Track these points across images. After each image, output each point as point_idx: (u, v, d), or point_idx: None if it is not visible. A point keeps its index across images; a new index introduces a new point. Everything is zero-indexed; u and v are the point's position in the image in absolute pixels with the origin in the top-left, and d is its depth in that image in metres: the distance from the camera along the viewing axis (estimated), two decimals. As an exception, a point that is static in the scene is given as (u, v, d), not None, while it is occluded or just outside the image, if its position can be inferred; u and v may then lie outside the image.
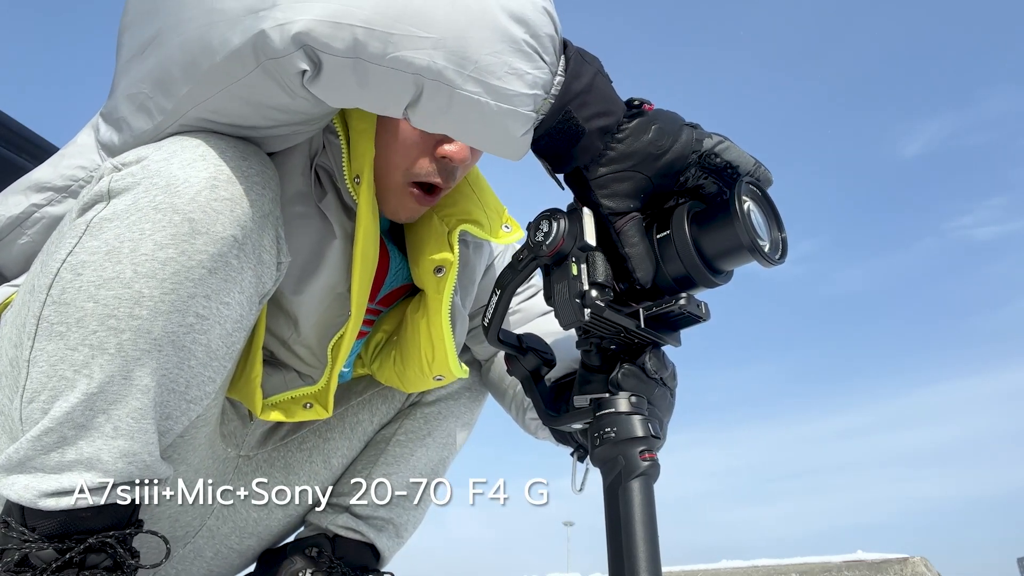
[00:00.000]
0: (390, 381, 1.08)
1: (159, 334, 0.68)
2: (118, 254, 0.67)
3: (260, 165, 0.75)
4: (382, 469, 1.13)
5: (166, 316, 0.68)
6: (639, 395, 0.78)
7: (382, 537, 1.11)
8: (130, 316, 0.67)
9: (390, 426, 1.18)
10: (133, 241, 0.67)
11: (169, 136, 0.74)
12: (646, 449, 0.74)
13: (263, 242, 0.75)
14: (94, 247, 0.67)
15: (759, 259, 0.70)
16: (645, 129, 0.71)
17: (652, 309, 0.76)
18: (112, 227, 0.68)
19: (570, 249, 0.76)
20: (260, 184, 0.74)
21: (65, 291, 0.67)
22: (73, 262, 0.68)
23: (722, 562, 2.20)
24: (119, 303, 0.66)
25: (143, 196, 0.68)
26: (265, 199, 0.74)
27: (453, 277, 0.95)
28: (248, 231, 0.72)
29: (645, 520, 0.70)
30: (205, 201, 0.68)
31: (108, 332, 0.66)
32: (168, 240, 0.67)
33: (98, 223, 0.68)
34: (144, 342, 0.68)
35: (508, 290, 0.84)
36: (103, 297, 0.66)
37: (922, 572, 1.94)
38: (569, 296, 0.74)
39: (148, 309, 0.67)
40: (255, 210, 0.72)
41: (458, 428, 1.21)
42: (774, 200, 0.75)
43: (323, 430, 1.12)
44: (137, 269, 0.67)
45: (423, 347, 0.97)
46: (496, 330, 0.85)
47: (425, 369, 0.98)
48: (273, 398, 0.97)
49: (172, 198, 0.67)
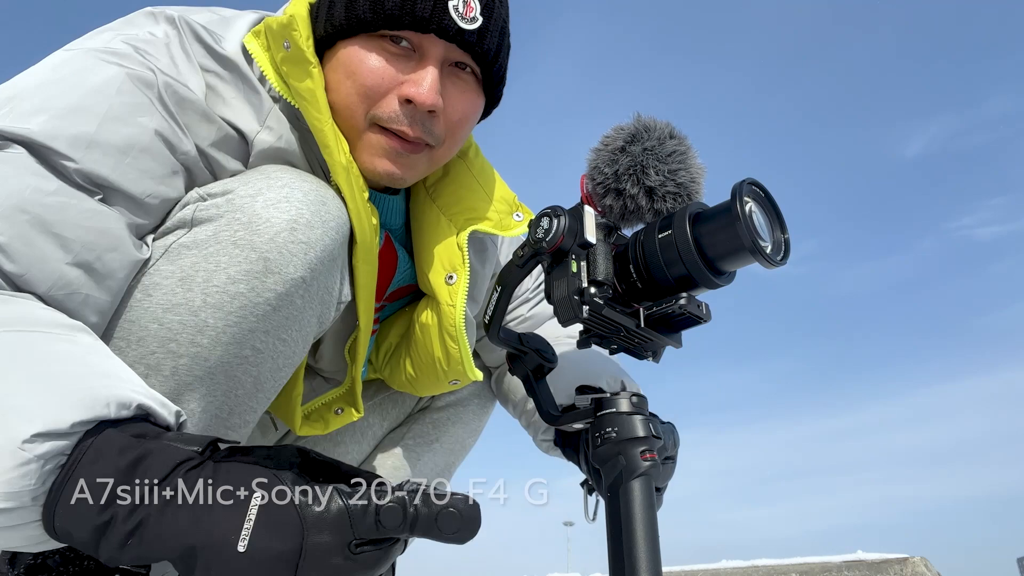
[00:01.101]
0: (403, 387, 1.07)
1: (215, 363, 0.69)
2: (191, 282, 0.68)
3: (337, 211, 0.76)
4: (390, 472, 1.13)
5: (225, 347, 0.69)
6: (639, 395, 0.78)
7: None
8: (191, 343, 0.68)
9: (399, 429, 1.18)
10: (207, 272, 0.68)
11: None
12: (647, 449, 0.74)
13: (328, 283, 0.77)
14: (168, 271, 0.69)
15: (761, 260, 0.69)
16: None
17: (652, 309, 0.76)
18: (190, 255, 0.69)
19: (570, 246, 0.76)
20: (335, 230, 0.75)
21: (132, 308, 0.69)
22: (146, 283, 0.69)
23: (722, 562, 2.20)
24: (183, 328, 0.68)
25: (224, 229, 0.70)
26: (337, 244, 0.76)
27: (465, 284, 0.93)
28: (317, 274, 0.73)
29: (645, 520, 0.70)
30: (283, 243, 0.70)
31: (166, 355, 0.68)
32: (241, 276, 0.69)
33: (176, 249, 0.70)
34: (199, 369, 0.69)
35: (508, 287, 0.84)
36: (168, 321, 0.68)
37: (922, 572, 1.94)
38: (568, 293, 0.74)
39: (209, 339, 0.68)
40: (326, 254, 0.74)
41: (466, 435, 1.21)
42: (776, 201, 0.75)
43: (333, 434, 1.12)
44: (207, 299, 0.68)
45: (437, 355, 0.97)
46: (497, 327, 0.85)
47: (440, 376, 0.98)
48: (306, 407, 0.97)
49: (252, 236, 0.69)
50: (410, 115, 0.83)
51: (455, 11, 0.81)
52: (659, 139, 0.78)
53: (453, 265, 0.93)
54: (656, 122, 0.79)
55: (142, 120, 0.71)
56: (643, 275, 0.75)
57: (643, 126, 0.79)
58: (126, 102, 0.71)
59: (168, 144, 0.73)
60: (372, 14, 0.80)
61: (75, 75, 0.71)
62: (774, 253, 0.71)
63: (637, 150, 0.77)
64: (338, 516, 0.51)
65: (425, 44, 0.83)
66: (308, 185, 0.74)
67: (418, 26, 0.80)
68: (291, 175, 0.75)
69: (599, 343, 0.81)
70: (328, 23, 0.83)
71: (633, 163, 0.77)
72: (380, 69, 0.82)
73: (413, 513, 0.52)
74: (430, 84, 0.82)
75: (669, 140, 0.78)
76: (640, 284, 0.75)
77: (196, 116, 0.76)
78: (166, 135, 0.73)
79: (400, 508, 0.52)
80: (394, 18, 0.80)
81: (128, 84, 0.71)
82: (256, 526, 0.50)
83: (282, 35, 0.79)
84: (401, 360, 1.04)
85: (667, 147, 0.77)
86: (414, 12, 0.79)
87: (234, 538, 0.49)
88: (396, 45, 0.83)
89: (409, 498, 0.53)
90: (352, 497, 0.52)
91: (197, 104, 0.76)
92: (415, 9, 0.79)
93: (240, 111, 0.79)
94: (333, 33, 0.83)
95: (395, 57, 0.83)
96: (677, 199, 0.77)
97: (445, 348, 0.95)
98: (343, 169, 0.80)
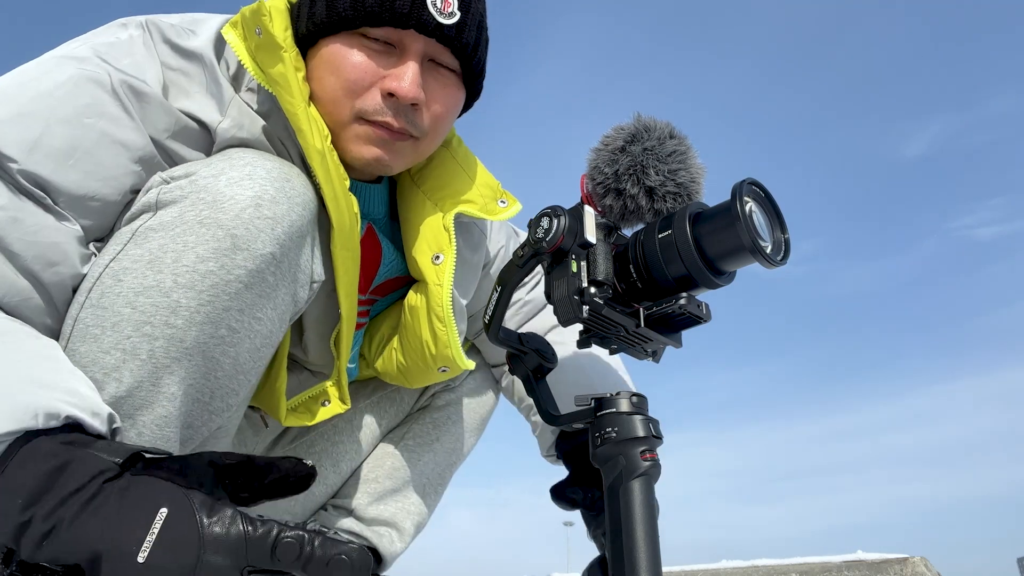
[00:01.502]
0: (395, 379, 1.07)
1: (191, 344, 0.69)
2: (160, 263, 0.69)
3: (303, 188, 0.77)
4: (389, 472, 1.13)
5: (199, 327, 0.69)
6: (639, 395, 0.78)
7: (383, 542, 1.10)
8: (165, 324, 0.68)
9: (398, 429, 1.18)
10: (176, 252, 0.69)
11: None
12: (647, 449, 0.73)
13: (299, 261, 0.77)
14: (137, 255, 0.70)
15: (760, 260, 0.69)
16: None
17: (652, 309, 0.76)
18: (157, 237, 0.70)
19: (570, 246, 0.76)
20: (300, 205, 0.76)
21: (104, 295, 0.69)
22: (115, 268, 0.70)
23: (722, 562, 2.20)
24: (156, 311, 0.68)
25: (189, 210, 0.70)
26: (304, 220, 0.76)
27: (452, 264, 0.94)
28: (286, 249, 0.74)
29: (646, 520, 0.70)
30: (248, 219, 0.70)
31: (142, 338, 0.68)
32: (210, 254, 0.69)
33: (143, 232, 0.71)
34: (176, 351, 0.69)
35: (509, 286, 0.84)
36: (141, 304, 0.68)
37: (922, 572, 1.94)
38: (568, 293, 0.74)
39: (183, 319, 0.68)
40: (294, 230, 0.75)
41: (467, 434, 1.21)
42: (777, 201, 0.75)
43: (331, 434, 1.12)
44: (177, 279, 0.68)
45: (424, 337, 0.96)
46: (497, 327, 0.85)
47: (428, 360, 0.97)
48: (292, 400, 0.97)
49: (217, 213, 0.70)
50: (394, 108, 0.85)
51: (433, 6, 0.83)
52: (659, 139, 0.78)
53: (440, 245, 0.95)
54: (656, 122, 0.79)
55: (89, 121, 0.73)
56: (643, 275, 0.75)
57: (643, 126, 0.79)
58: (75, 104, 0.73)
59: (119, 143, 0.75)
60: (353, 11, 0.82)
61: (30, 81, 0.74)
62: (774, 253, 0.71)
63: (637, 150, 0.77)
64: (236, 540, 0.54)
65: (405, 40, 0.85)
66: (271, 163, 0.75)
67: (398, 22, 0.82)
68: (253, 155, 0.76)
69: (599, 343, 0.81)
70: (310, 21, 0.86)
71: (633, 163, 0.77)
72: (362, 64, 0.84)
73: (308, 552, 0.55)
74: (411, 78, 0.84)
75: (669, 140, 0.78)
76: (640, 284, 0.75)
77: (153, 108, 0.78)
78: (115, 134, 0.75)
79: (297, 545, 0.55)
80: (374, 15, 0.82)
81: (80, 86, 0.74)
82: (158, 540, 0.53)
83: (254, 22, 0.81)
84: (392, 350, 1.04)
85: (667, 147, 0.77)
86: (393, 8, 0.82)
87: (135, 549, 0.53)
88: (377, 42, 0.85)
89: (308, 537, 0.55)
90: (254, 524, 0.55)
91: (153, 97, 0.78)
92: (394, 5, 0.82)
93: (202, 103, 0.81)
94: (315, 31, 0.86)
95: (376, 53, 0.85)
96: (677, 199, 0.77)
97: (433, 330, 0.95)
98: (317, 153, 0.81)
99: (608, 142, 0.80)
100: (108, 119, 0.75)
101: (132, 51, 0.80)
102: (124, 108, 0.76)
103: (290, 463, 0.63)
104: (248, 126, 0.82)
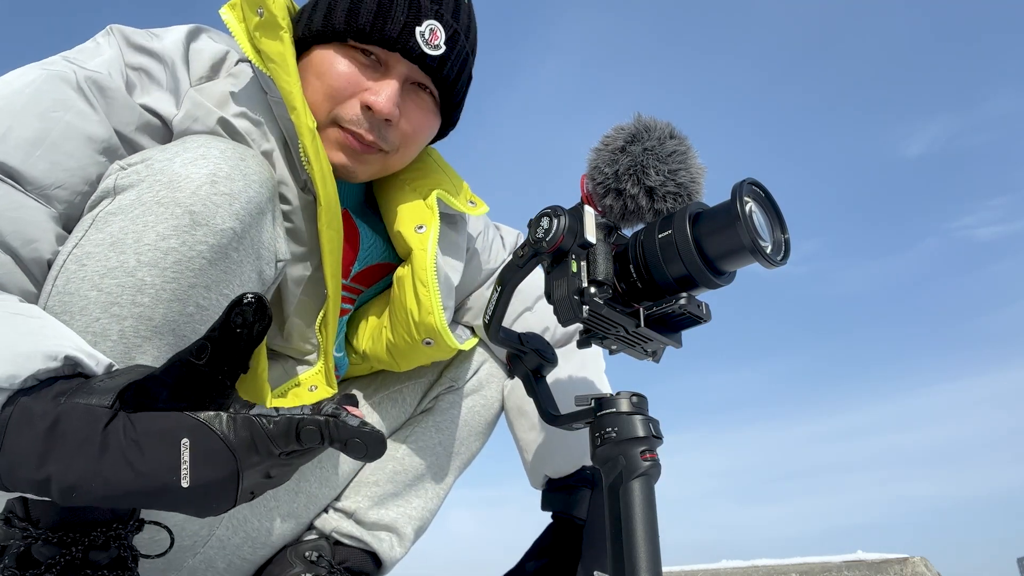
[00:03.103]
0: (386, 363, 1.08)
1: (160, 321, 0.70)
2: (122, 245, 0.70)
3: (257, 166, 0.79)
4: (390, 476, 1.12)
5: (167, 304, 0.70)
6: (639, 395, 0.78)
7: (383, 547, 1.09)
8: (132, 303, 0.69)
9: (401, 432, 1.16)
10: (136, 232, 0.70)
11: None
12: (647, 449, 0.73)
13: (261, 238, 0.78)
14: (99, 239, 0.71)
15: (761, 260, 0.69)
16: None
17: (652, 309, 0.76)
18: (117, 220, 0.71)
19: (570, 246, 0.76)
20: (257, 183, 0.77)
21: (70, 281, 0.70)
22: (78, 254, 0.71)
23: (722, 562, 2.20)
24: (122, 291, 0.69)
25: (147, 191, 0.72)
26: (263, 197, 0.78)
27: (435, 229, 0.99)
28: (247, 225, 0.75)
29: (646, 520, 0.70)
30: (205, 195, 0.72)
31: (111, 319, 0.69)
32: (170, 231, 0.70)
33: (103, 217, 0.72)
34: (145, 329, 0.70)
35: (509, 287, 0.84)
36: (107, 286, 0.69)
37: (922, 572, 1.94)
38: (568, 293, 0.74)
39: (150, 297, 0.69)
40: (252, 206, 0.76)
41: (471, 438, 1.19)
42: (777, 201, 0.75)
43: None
44: (140, 258, 0.69)
45: (409, 305, 0.98)
46: (497, 327, 0.85)
47: (412, 330, 0.98)
48: (278, 389, 0.97)
49: (174, 192, 0.71)
50: (369, 120, 0.92)
51: (421, 36, 0.91)
52: (659, 139, 0.78)
53: (423, 218, 1.00)
54: (656, 122, 0.80)
55: (55, 115, 0.76)
56: (643, 275, 0.75)
57: (643, 126, 0.79)
58: (42, 99, 0.76)
59: (84, 135, 0.77)
60: (346, 26, 0.90)
61: (3, 84, 0.78)
62: (774, 253, 0.71)
63: (637, 150, 0.77)
64: (261, 438, 0.59)
65: (391, 60, 0.92)
66: (225, 144, 0.78)
67: (385, 44, 0.90)
68: (206, 138, 0.79)
69: (599, 343, 0.81)
70: (307, 28, 0.93)
71: (633, 163, 0.77)
72: (347, 74, 0.91)
73: (328, 434, 0.60)
74: (389, 95, 0.90)
75: (669, 140, 0.78)
76: (640, 284, 0.75)
77: (117, 103, 0.81)
78: (81, 127, 0.77)
79: (317, 430, 0.59)
80: (365, 33, 0.90)
81: (47, 83, 0.77)
82: (193, 462, 0.57)
83: (257, 3, 0.87)
84: (383, 328, 1.05)
85: (667, 147, 0.78)
86: (383, 31, 0.89)
87: (176, 477, 0.57)
88: (365, 57, 0.92)
89: (325, 421, 0.60)
90: (272, 420, 0.59)
91: (117, 92, 0.81)
92: (384, 28, 0.89)
93: (160, 98, 0.85)
94: (310, 37, 0.93)
95: (363, 67, 0.92)
96: (677, 199, 0.77)
97: (417, 296, 0.97)
98: (309, 132, 0.87)
99: (608, 142, 0.80)
100: (74, 112, 0.77)
101: (98, 53, 0.85)
102: (89, 103, 0.79)
103: (237, 314, 0.65)
104: (203, 118, 0.85)
